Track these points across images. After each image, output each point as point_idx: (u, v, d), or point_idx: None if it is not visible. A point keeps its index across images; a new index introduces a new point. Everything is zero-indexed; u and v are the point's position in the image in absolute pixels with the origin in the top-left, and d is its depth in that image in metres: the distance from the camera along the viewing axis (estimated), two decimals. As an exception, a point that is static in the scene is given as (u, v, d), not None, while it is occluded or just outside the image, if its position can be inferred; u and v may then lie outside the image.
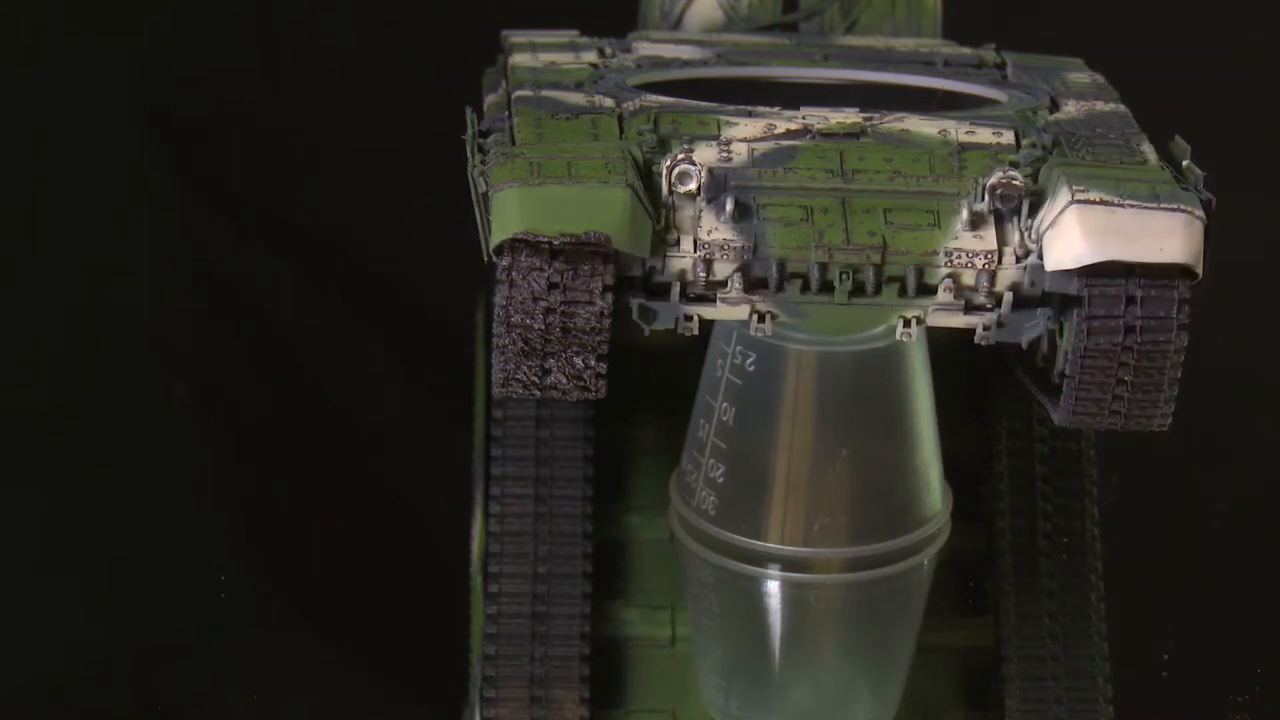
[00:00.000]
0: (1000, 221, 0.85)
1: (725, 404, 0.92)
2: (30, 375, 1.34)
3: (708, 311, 0.86)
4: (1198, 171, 0.86)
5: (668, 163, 0.84)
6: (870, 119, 0.88)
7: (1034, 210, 0.84)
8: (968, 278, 0.85)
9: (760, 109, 0.88)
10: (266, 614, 1.30)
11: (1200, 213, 0.83)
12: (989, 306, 0.85)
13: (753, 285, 0.85)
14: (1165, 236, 0.82)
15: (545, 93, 0.91)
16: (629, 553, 1.07)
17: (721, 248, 0.84)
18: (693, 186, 0.84)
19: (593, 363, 0.84)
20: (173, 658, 1.26)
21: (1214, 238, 0.84)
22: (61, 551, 1.29)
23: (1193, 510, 1.35)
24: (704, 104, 0.89)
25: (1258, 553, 1.33)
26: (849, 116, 0.88)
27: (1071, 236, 0.82)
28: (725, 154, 0.85)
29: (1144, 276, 0.83)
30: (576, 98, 0.90)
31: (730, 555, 0.94)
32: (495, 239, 0.82)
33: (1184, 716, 1.22)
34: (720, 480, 0.93)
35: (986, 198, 0.84)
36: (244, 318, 1.38)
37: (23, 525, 1.30)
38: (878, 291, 0.85)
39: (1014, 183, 0.83)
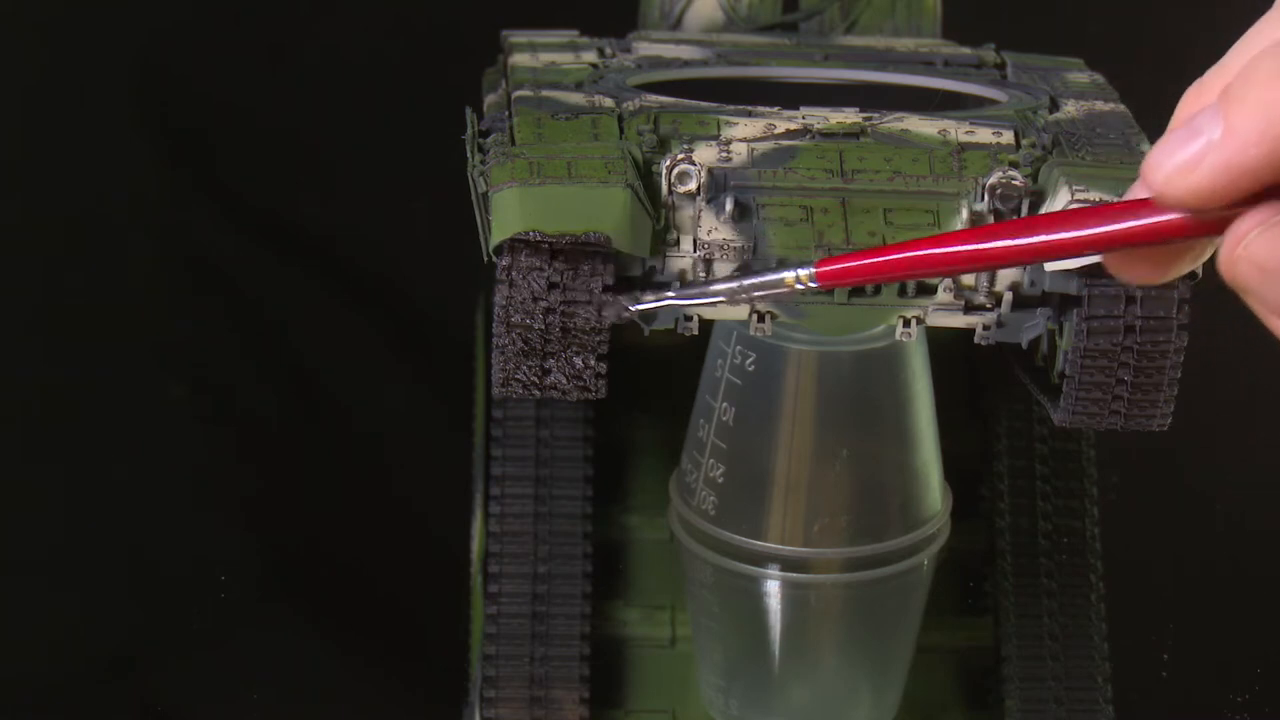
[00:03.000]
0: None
1: (725, 404, 0.92)
2: (29, 375, 1.34)
3: (708, 311, 0.86)
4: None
5: (668, 163, 0.84)
6: (870, 119, 0.88)
7: (1034, 210, 0.84)
8: (967, 277, 0.85)
9: (760, 109, 0.88)
10: (266, 614, 1.29)
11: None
12: (989, 306, 0.85)
13: (753, 285, 0.85)
14: (1165, 236, 0.82)
15: (545, 93, 0.91)
16: (629, 553, 1.07)
17: (721, 247, 0.84)
18: (693, 186, 0.84)
19: (593, 363, 0.84)
20: (173, 658, 1.26)
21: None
22: (62, 552, 1.29)
23: (1193, 510, 1.35)
24: (704, 104, 0.89)
25: (1258, 552, 1.33)
26: (849, 116, 0.88)
27: (1071, 236, 0.82)
28: (725, 154, 0.85)
29: (1144, 276, 0.83)
30: (576, 98, 0.90)
31: (730, 555, 0.94)
32: (495, 239, 0.82)
33: (1184, 716, 1.21)
34: (720, 480, 0.93)
35: (986, 197, 0.84)
36: (243, 317, 1.38)
37: (23, 525, 1.30)
38: (877, 291, 0.85)
39: (1014, 183, 0.83)
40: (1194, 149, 0.63)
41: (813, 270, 0.73)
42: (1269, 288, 0.64)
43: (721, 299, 0.79)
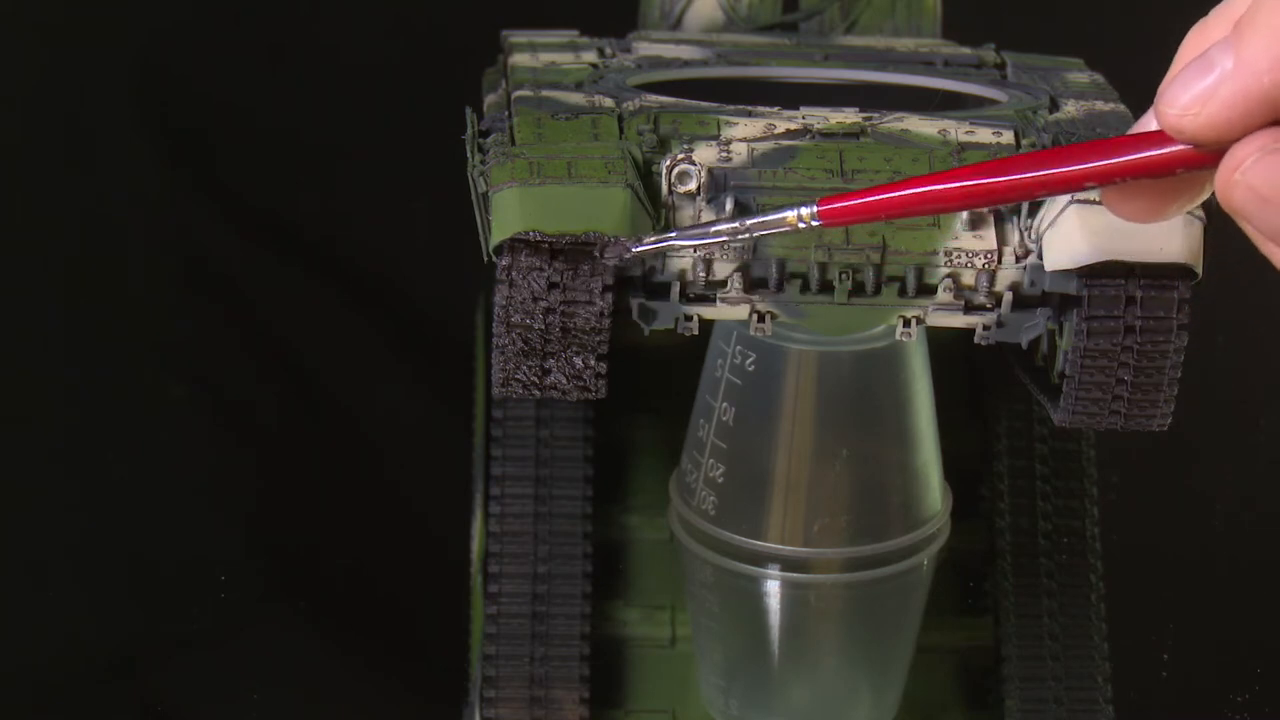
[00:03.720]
0: (1000, 221, 0.85)
1: (725, 404, 0.92)
2: (29, 375, 1.34)
3: (708, 311, 0.86)
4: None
5: (668, 163, 0.84)
6: (870, 119, 0.88)
7: (1033, 210, 0.84)
8: (967, 277, 0.85)
9: (760, 109, 0.88)
10: (266, 614, 1.29)
11: (1200, 212, 0.83)
12: (989, 306, 0.85)
13: (753, 285, 0.85)
14: (1165, 236, 0.82)
15: (545, 93, 0.91)
16: (629, 553, 1.07)
17: (721, 247, 0.84)
18: (693, 186, 0.84)
19: (592, 363, 0.84)
20: (173, 658, 1.26)
21: (1213, 237, 0.84)
22: (62, 552, 1.29)
23: (1193, 510, 1.34)
24: (704, 104, 0.89)
25: (1258, 553, 1.33)
26: (849, 116, 0.88)
27: (1071, 236, 0.82)
28: (725, 154, 0.85)
29: (1144, 276, 0.83)
30: (576, 98, 0.90)
31: (730, 555, 0.94)
32: (495, 239, 0.82)
33: (1184, 716, 1.21)
34: (720, 480, 0.93)
35: (986, 198, 0.84)
36: (243, 317, 1.38)
37: (24, 525, 1.30)
38: (877, 291, 0.85)
39: (1014, 183, 0.83)
40: (1207, 81, 0.63)
41: (815, 209, 0.73)
42: (1267, 214, 0.64)
43: (724, 239, 0.79)
